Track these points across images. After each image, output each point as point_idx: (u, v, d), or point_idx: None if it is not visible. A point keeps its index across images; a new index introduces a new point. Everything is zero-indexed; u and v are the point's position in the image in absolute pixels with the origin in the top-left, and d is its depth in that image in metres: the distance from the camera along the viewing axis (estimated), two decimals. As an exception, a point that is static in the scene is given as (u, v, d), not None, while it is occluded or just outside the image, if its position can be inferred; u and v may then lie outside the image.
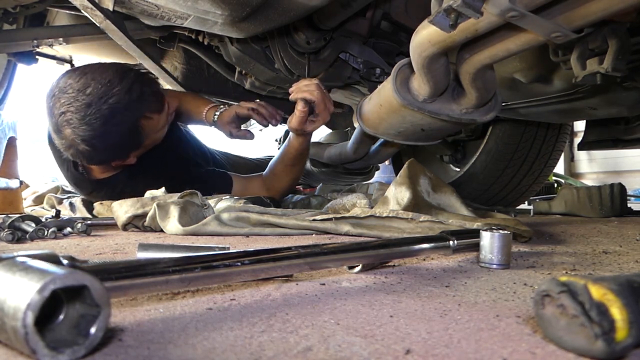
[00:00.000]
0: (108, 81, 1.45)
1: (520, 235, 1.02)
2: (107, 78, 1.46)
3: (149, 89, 1.54)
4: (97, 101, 1.43)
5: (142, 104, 1.51)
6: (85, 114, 1.42)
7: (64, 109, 1.44)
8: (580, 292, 0.35)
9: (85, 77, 1.45)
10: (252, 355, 0.36)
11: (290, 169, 1.77)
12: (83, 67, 1.52)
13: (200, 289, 0.57)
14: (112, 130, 1.46)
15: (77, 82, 1.45)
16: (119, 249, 0.95)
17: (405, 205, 1.13)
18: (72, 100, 1.43)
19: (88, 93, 1.43)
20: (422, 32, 0.79)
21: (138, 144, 1.57)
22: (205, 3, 1.19)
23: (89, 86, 1.44)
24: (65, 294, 0.35)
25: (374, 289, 0.59)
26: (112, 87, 1.45)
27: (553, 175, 3.64)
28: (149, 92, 1.53)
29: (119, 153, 1.57)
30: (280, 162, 1.78)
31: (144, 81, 1.53)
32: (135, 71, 1.54)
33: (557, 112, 1.43)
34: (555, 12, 0.65)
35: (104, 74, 1.47)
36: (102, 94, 1.44)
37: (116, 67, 1.52)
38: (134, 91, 1.48)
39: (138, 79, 1.51)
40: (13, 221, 1.14)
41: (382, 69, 1.58)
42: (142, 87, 1.51)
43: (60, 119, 1.45)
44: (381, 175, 3.65)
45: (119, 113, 1.46)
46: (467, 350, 0.37)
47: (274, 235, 1.17)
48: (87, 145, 1.46)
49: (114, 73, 1.48)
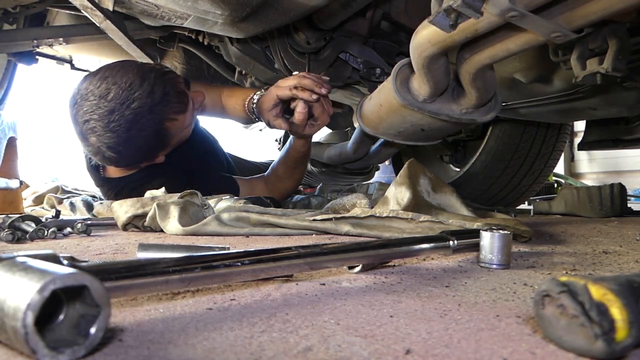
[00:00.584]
0: (129, 85, 1.42)
1: (520, 235, 1.02)
2: (128, 81, 1.42)
3: (172, 89, 1.49)
4: (119, 107, 1.40)
5: (166, 106, 1.47)
6: (109, 121, 1.40)
7: (87, 117, 1.42)
8: (580, 292, 0.35)
9: (106, 82, 1.42)
10: (252, 355, 0.36)
11: (292, 170, 1.77)
12: (103, 71, 1.47)
13: (200, 289, 0.57)
14: (137, 135, 1.44)
15: (97, 88, 1.42)
16: (119, 249, 0.95)
17: (405, 205, 1.13)
18: (95, 107, 1.41)
19: (110, 99, 1.41)
20: (422, 32, 0.79)
21: (165, 145, 1.56)
22: (205, 3, 1.19)
23: (110, 91, 1.41)
24: (66, 294, 0.35)
25: (374, 289, 0.59)
26: (133, 90, 1.42)
27: (553, 175, 3.64)
28: (172, 93, 1.49)
29: (146, 156, 1.56)
30: (283, 164, 1.77)
31: (166, 81, 1.49)
32: (156, 71, 1.49)
33: (557, 112, 1.43)
34: (555, 12, 0.65)
35: (124, 77, 1.43)
36: (124, 99, 1.41)
37: (136, 69, 1.47)
38: (156, 93, 1.44)
39: (160, 79, 1.47)
40: (13, 221, 1.14)
41: (382, 69, 1.58)
42: (164, 88, 1.47)
43: (85, 127, 1.43)
44: (381, 175, 3.65)
45: (143, 117, 1.43)
46: (467, 350, 0.37)
47: (274, 235, 1.17)
48: (113, 152, 1.46)
49: (134, 75, 1.44)
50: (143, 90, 1.43)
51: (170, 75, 1.53)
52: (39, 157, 5.04)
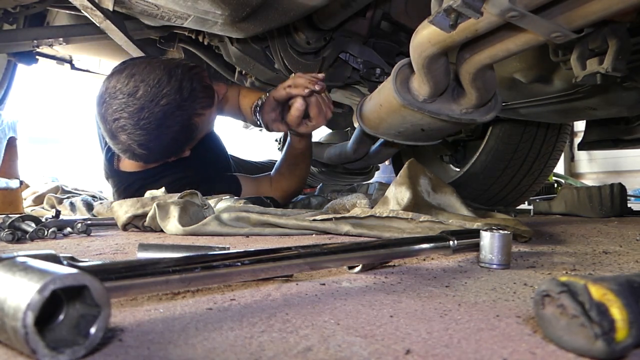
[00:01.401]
0: (157, 81, 1.42)
1: (520, 235, 1.02)
2: (156, 78, 1.43)
3: (199, 84, 1.50)
4: (148, 104, 1.41)
5: (194, 102, 1.48)
6: (139, 119, 1.41)
7: (117, 115, 1.42)
8: (580, 292, 0.35)
9: (134, 80, 1.42)
10: (252, 355, 0.36)
11: (294, 168, 1.77)
12: (130, 68, 1.47)
13: (200, 289, 0.57)
14: (166, 132, 1.45)
15: (126, 86, 1.42)
16: (119, 249, 0.95)
17: (405, 205, 1.13)
18: (124, 105, 1.41)
19: (139, 97, 1.41)
20: (422, 32, 0.79)
21: (192, 139, 1.57)
22: (205, 3, 1.19)
23: (139, 89, 1.41)
24: (66, 294, 0.35)
25: (374, 289, 0.59)
26: (161, 87, 1.42)
27: (553, 175, 3.64)
28: (199, 88, 1.49)
29: (174, 151, 1.57)
30: (285, 162, 1.78)
31: (193, 77, 1.49)
32: (182, 66, 1.49)
33: (557, 112, 1.43)
34: (555, 12, 0.65)
35: (151, 74, 1.43)
36: (152, 96, 1.41)
37: (163, 65, 1.47)
38: (184, 89, 1.45)
39: (187, 75, 1.47)
40: (13, 221, 1.14)
41: (382, 69, 1.58)
42: (192, 83, 1.47)
43: (115, 126, 1.43)
44: (381, 175, 3.65)
45: (172, 114, 1.44)
46: (467, 350, 0.37)
47: (274, 235, 1.17)
48: (143, 149, 1.46)
49: (161, 72, 1.44)
50: (171, 86, 1.43)
51: (197, 70, 1.54)
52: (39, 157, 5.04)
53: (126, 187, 1.65)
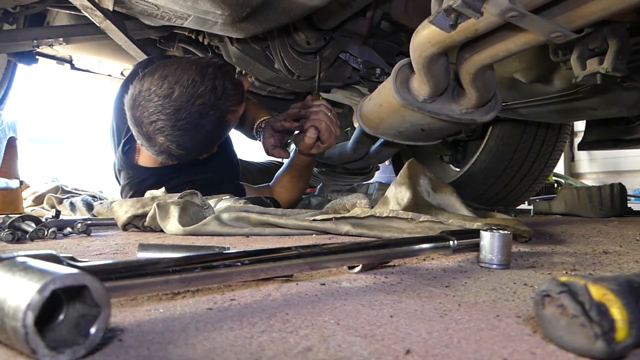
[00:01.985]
0: (191, 82, 1.43)
1: (520, 235, 1.02)
2: (190, 78, 1.44)
3: (230, 82, 1.52)
4: (185, 105, 1.42)
5: (227, 100, 1.50)
6: (176, 120, 1.42)
7: (154, 118, 1.42)
8: (580, 292, 0.35)
9: (167, 81, 1.43)
10: (252, 355, 0.36)
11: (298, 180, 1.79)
12: (161, 69, 1.47)
13: (200, 289, 0.57)
14: (202, 131, 1.47)
15: (160, 88, 1.43)
16: (119, 249, 0.95)
17: (405, 205, 1.13)
18: (160, 108, 1.42)
19: (174, 98, 1.41)
20: (422, 32, 0.79)
21: (223, 136, 1.60)
22: (205, 3, 1.19)
23: (174, 91, 1.42)
24: (66, 294, 0.35)
25: (374, 289, 0.59)
26: (196, 87, 1.43)
27: (553, 175, 3.64)
28: (231, 86, 1.51)
29: (208, 148, 1.60)
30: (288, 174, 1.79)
31: (224, 75, 1.51)
32: (213, 65, 1.51)
33: (557, 112, 1.43)
34: (555, 12, 0.65)
35: (184, 74, 1.44)
36: (188, 96, 1.42)
37: (195, 65, 1.48)
38: (217, 88, 1.47)
39: (218, 73, 1.49)
40: (13, 221, 1.14)
41: (382, 69, 1.59)
42: (224, 82, 1.49)
43: (152, 128, 1.44)
44: (381, 175, 3.65)
45: (207, 113, 1.45)
46: (467, 350, 0.37)
47: (274, 235, 1.17)
48: (181, 149, 1.47)
49: (194, 72, 1.45)
50: (205, 86, 1.45)
51: (227, 68, 1.56)
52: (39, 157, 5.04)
53: (140, 181, 1.66)
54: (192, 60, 1.52)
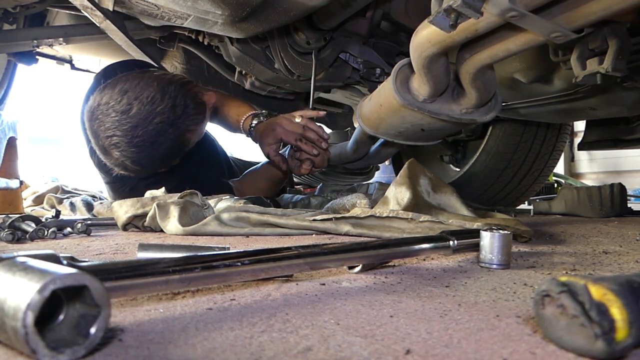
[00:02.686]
0: (151, 99, 1.42)
1: (520, 235, 1.02)
2: (149, 96, 1.42)
3: (192, 101, 1.50)
4: (142, 122, 1.40)
5: (187, 119, 1.48)
6: (132, 137, 1.40)
7: (110, 133, 1.41)
8: (580, 292, 0.35)
9: (127, 97, 1.41)
10: (252, 355, 0.36)
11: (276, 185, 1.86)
12: (122, 83, 1.45)
13: (200, 289, 0.57)
14: (159, 148, 1.46)
15: (118, 103, 1.41)
16: (119, 249, 0.95)
17: (405, 205, 1.13)
18: (117, 124, 1.40)
19: (132, 115, 1.40)
20: (422, 32, 0.79)
21: (183, 152, 1.58)
22: (205, 3, 1.19)
23: (132, 107, 1.40)
24: (66, 294, 0.35)
25: (374, 289, 0.59)
26: (155, 105, 1.42)
27: (553, 175, 3.64)
28: (192, 105, 1.50)
29: (166, 164, 1.59)
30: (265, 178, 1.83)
31: (186, 93, 1.49)
32: (175, 83, 1.49)
33: (557, 112, 1.43)
34: (555, 12, 0.65)
35: (144, 91, 1.42)
36: (146, 114, 1.41)
37: (156, 82, 1.46)
38: (178, 106, 1.45)
39: (180, 92, 1.47)
40: (13, 221, 1.14)
41: (382, 69, 1.59)
42: (185, 100, 1.47)
43: (107, 143, 1.43)
44: (381, 175, 3.65)
45: (165, 131, 1.44)
46: (467, 350, 0.37)
47: (274, 235, 1.17)
48: (136, 165, 1.47)
49: (155, 89, 1.43)
50: (165, 104, 1.43)
51: (189, 87, 1.54)
52: (39, 157, 5.04)
53: (131, 189, 1.67)
54: (155, 76, 1.50)
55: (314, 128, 1.59)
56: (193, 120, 1.51)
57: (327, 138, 1.61)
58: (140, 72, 1.54)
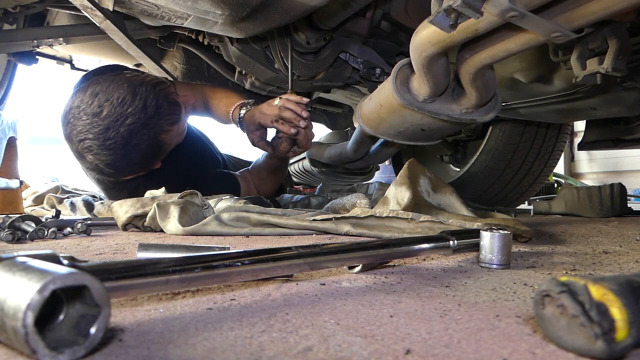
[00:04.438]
0: (121, 101, 1.40)
1: (520, 235, 1.02)
2: (120, 97, 1.40)
3: (165, 101, 1.48)
4: (113, 124, 1.39)
5: (160, 119, 1.46)
6: (104, 139, 1.39)
7: (82, 137, 1.41)
8: (580, 292, 0.35)
9: (98, 99, 1.40)
10: (252, 355, 0.36)
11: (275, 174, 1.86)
12: (93, 86, 1.44)
13: (200, 289, 0.57)
14: (133, 150, 1.44)
15: (89, 106, 1.40)
16: (119, 249, 0.95)
17: (405, 205, 1.13)
18: (89, 127, 1.39)
19: (103, 117, 1.39)
20: (422, 32, 0.79)
21: (161, 154, 1.56)
22: (205, 3, 1.19)
23: (103, 109, 1.39)
24: (66, 294, 0.35)
25: (374, 289, 0.59)
26: (126, 107, 1.40)
27: (553, 175, 3.64)
28: (165, 105, 1.48)
29: (143, 167, 1.57)
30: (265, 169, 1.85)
31: (158, 93, 1.47)
32: (146, 84, 1.47)
33: (557, 112, 1.43)
34: (555, 12, 0.65)
35: (115, 93, 1.41)
36: (117, 115, 1.39)
37: (127, 83, 1.44)
38: (149, 107, 1.43)
39: (151, 92, 1.45)
40: (13, 221, 1.14)
41: (382, 69, 1.59)
42: (157, 101, 1.45)
43: (80, 146, 1.42)
44: (381, 175, 3.65)
45: (138, 132, 1.42)
46: (467, 350, 0.37)
47: (274, 235, 1.17)
48: (110, 168, 1.46)
49: (125, 90, 1.42)
50: (136, 105, 1.41)
51: (162, 87, 1.51)
52: (39, 157, 5.04)
53: (131, 192, 1.66)
54: (126, 78, 1.48)
55: (291, 107, 1.57)
56: (167, 121, 1.49)
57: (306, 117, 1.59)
58: (112, 74, 1.52)
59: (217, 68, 1.99)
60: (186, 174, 1.69)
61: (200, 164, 1.82)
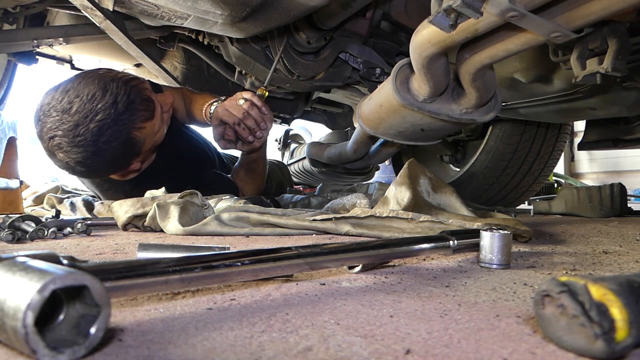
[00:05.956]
0: (91, 97, 1.37)
1: (520, 235, 1.02)
2: (90, 93, 1.38)
3: (137, 96, 1.45)
4: (83, 120, 1.36)
5: (132, 115, 1.43)
6: (74, 136, 1.37)
7: (52, 134, 1.38)
8: (580, 292, 0.35)
9: (68, 96, 1.38)
10: (252, 355, 0.36)
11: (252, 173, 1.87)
12: (65, 84, 1.43)
13: (200, 289, 0.57)
14: (104, 148, 1.41)
15: (59, 103, 1.38)
16: (119, 249, 0.95)
17: (406, 205, 1.13)
18: (58, 123, 1.37)
19: (72, 113, 1.36)
20: (422, 32, 0.79)
21: (136, 153, 1.53)
22: (205, 3, 1.19)
23: (73, 105, 1.37)
24: (66, 294, 0.35)
25: (374, 289, 0.59)
26: (96, 102, 1.37)
27: (553, 175, 3.64)
28: (138, 101, 1.45)
29: (117, 166, 1.54)
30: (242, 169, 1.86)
31: (130, 89, 1.44)
32: (118, 80, 1.44)
33: (557, 112, 1.43)
34: (555, 12, 0.65)
35: (85, 89, 1.38)
36: (87, 112, 1.36)
37: (98, 79, 1.42)
38: (119, 103, 1.40)
39: (123, 88, 1.42)
40: (13, 221, 1.14)
41: (382, 69, 1.59)
42: (129, 96, 1.42)
43: (50, 144, 1.40)
44: (381, 175, 3.65)
45: (109, 129, 1.39)
46: (467, 350, 0.37)
47: (274, 235, 1.17)
48: (81, 166, 1.43)
49: (96, 86, 1.39)
50: (106, 100, 1.39)
51: (134, 83, 1.49)
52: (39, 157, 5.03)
53: (127, 194, 1.66)
54: (98, 74, 1.46)
55: (254, 116, 1.62)
56: (139, 117, 1.46)
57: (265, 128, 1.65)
58: (85, 72, 1.50)
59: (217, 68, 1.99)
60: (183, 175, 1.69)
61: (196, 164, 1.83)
